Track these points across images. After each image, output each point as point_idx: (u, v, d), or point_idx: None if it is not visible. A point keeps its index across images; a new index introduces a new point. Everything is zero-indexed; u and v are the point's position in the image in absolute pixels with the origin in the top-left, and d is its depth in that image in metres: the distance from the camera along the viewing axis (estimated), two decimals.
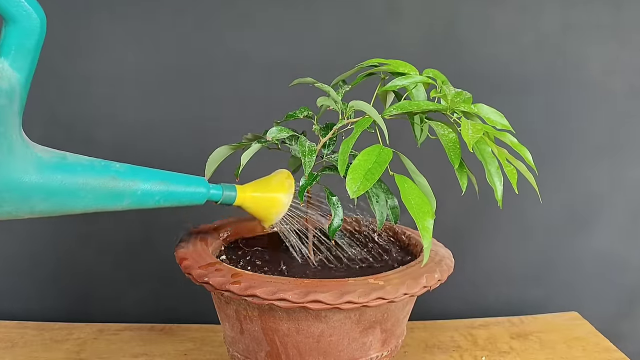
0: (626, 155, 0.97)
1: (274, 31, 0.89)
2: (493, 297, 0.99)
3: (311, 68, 0.86)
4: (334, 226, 0.61)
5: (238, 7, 0.87)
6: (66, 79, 0.86)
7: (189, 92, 0.89)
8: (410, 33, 0.90)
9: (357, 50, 0.88)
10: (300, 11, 0.88)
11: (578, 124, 0.95)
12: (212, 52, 0.88)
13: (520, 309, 0.95)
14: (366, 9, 0.89)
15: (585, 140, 0.96)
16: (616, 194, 0.98)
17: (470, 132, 0.50)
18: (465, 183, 0.55)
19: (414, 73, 0.58)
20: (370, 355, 0.56)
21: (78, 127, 0.88)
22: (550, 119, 0.94)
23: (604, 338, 0.84)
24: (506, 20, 0.91)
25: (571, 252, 0.99)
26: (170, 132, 0.89)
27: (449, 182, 0.65)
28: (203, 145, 0.65)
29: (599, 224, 0.99)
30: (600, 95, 0.94)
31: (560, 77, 0.93)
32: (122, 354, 0.77)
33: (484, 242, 0.97)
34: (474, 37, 0.91)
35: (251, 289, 0.50)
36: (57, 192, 0.47)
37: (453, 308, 0.95)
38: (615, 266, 1.00)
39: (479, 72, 0.90)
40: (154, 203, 0.53)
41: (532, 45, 0.92)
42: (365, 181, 0.49)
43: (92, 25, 0.85)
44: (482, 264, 0.98)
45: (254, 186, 0.59)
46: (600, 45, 0.92)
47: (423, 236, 0.50)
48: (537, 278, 1.00)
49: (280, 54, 0.88)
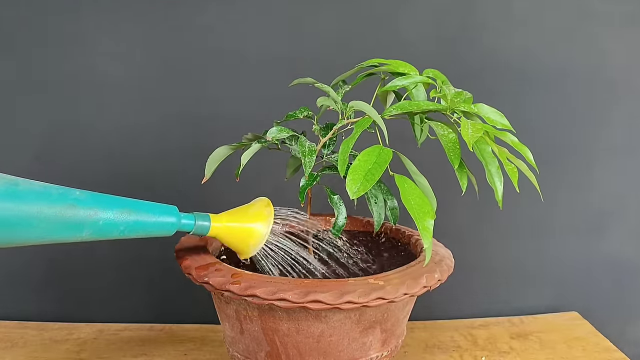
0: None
1: (274, 30, 0.88)
2: (494, 297, 0.99)
3: (311, 67, 0.86)
4: (338, 224, 0.61)
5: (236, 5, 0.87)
6: (63, 80, 0.86)
7: (187, 92, 0.88)
8: (411, 32, 0.90)
9: (357, 49, 0.88)
10: (301, 9, 0.88)
11: (590, 123, 0.92)
12: (210, 50, 0.87)
13: (521, 310, 0.95)
14: (367, 8, 0.89)
15: (597, 140, 0.93)
16: (629, 196, 0.96)
17: (470, 131, 0.50)
18: (465, 183, 0.55)
19: (414, 73, 0.58)
20: (370, 355, 0.56)
21: (76, 130, 0.87)
22: (561, 117, 0.93)
23: (604, 338, 0.84)
24: (519, 11, 0.87)
25: (580, 254, 0.98)
26: (169, 132, 0.89)
27: (450, 182, 0.65)
28: (203, 146, 0.65)
29: (610, 227, 0.97)
30: (617, 95, 0.91)
31: (571, 75, 0.90)
32: (122, 354, 0.77)
33: (485, 242, 0.97)
34: (487, 30, 0.89)
35: (251, 289, 0.50)
36: (7, 222, 0.43)
37: (453, 308, 0.95)
38: (626, 270, 0.99)
39: (478, 72, 0.90)
40: (118, 234, 0.49)
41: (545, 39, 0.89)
42: (365, 182, 0.49)
43: (88, 24, 0.85)
44: (484, 263, 0.98)
45: (229, 215, 0.55)
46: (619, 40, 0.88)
47: (423, 236, 0.49)
48: (539, 279, 0.99)
49: (281, 53, 0.88)
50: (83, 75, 0.85)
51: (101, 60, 0.85)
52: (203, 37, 0.86)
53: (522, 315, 0.91)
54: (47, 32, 0.84)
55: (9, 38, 0.83)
